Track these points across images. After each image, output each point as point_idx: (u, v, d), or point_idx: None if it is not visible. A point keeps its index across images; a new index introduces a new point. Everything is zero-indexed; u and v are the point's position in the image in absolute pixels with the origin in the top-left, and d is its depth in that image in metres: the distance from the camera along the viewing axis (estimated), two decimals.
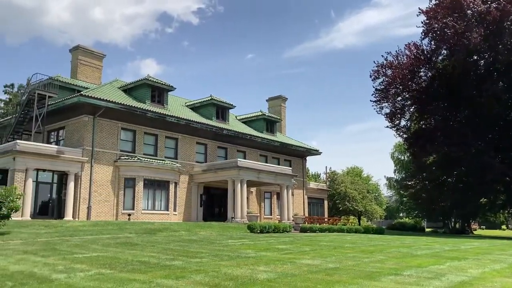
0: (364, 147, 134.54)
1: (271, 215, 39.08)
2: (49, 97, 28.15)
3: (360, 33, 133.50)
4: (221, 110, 36.84)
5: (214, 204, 34.75)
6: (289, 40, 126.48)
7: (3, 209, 16.46)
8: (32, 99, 27.94)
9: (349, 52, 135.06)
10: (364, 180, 64.55)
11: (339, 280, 8.40)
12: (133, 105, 28.81)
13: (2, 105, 57.16)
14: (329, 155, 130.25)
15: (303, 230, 27.77)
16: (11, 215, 17.33)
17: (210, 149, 34.79)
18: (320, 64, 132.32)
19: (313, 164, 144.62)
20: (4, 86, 57.26)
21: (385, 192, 76.38)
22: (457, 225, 50.49)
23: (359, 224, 43.64)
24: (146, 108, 29.66)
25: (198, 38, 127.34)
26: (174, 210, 30.33)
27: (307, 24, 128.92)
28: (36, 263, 9.62)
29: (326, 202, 48.52)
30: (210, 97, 36.29)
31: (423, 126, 41.43)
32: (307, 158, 45.53)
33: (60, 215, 25.89)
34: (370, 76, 40.06)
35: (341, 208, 52.65)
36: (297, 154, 43.19)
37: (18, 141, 25.33)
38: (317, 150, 45.01)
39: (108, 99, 27.33)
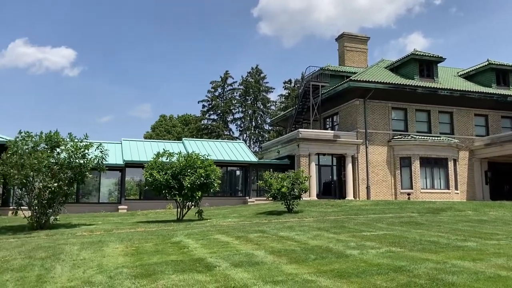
0: None
1: None
2: (322, 86, 30.37)
3: None
4: (502, 75, 32.45)
5: (502, 181, 30.92)
6: None
7: (295, 190, 18.62)
8: (307, 91, 30.67)
9: None
10: None
11: None
12: (401, 83, 28.31)
13: (283, 99, 64.99)
14: None
15: None
16: (302, 195, 19.47)
17: (492, 120, 31.11)
18: None
19: None
20: (284, 83, 65.24)
21: None
22: None
23: None
24: (416, 84, 28.68)
25: (467, 1, 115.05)
26: (455, 188, 28.42)
27: None
28: (329, 239, 10.43)
29: None
30: (487, 62, 32.39)
31: None
32: None
33: (342, 195, 27.66)
34: None
35: None
36: None
37: (300, 129, 28.28)
38: None
39: (376, 81, 27.63)
